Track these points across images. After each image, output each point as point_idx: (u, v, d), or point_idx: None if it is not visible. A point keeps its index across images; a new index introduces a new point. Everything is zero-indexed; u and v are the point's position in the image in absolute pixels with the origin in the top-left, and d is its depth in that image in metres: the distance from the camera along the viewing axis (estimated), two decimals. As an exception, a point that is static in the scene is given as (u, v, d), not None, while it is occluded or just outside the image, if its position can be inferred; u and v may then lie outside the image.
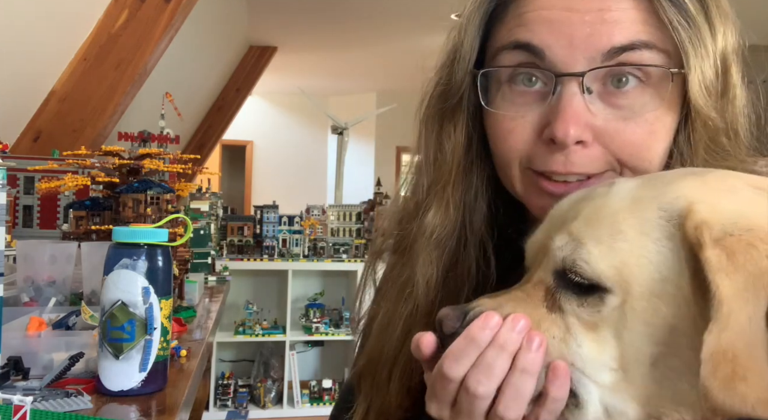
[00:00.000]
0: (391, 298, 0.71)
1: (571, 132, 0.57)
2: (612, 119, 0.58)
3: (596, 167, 0.59)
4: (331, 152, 7.33)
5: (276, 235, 4.11)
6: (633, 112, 0.58)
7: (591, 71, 0.57)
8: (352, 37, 5.52)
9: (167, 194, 1.45)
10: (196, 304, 1.69)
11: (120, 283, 0.80)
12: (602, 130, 0.58)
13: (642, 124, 0.58)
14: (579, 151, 0.58)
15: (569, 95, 0.57)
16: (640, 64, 0.57)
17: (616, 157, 0.59)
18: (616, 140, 0.58)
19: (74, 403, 0.76)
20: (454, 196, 0.67)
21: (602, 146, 0.59)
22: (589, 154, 0.58)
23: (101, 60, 2.42)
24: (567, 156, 0.58)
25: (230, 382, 4.07)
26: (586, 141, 0.58)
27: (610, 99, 0.58)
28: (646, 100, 0.58)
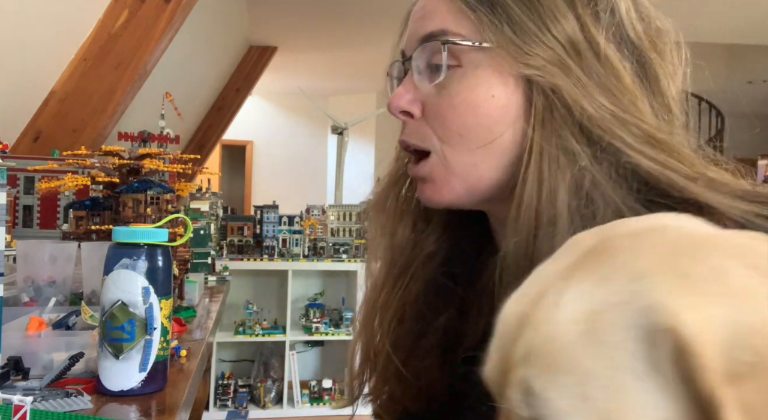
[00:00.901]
0: None
1: (393, 103, 0.68)
2: (431, 95, 0.66)
3: (417, 139, 0.67)
4: (331, 152, 7.33)
5: (276, 235, 4.11)
6: (442, 87, 0.65)
7: (414, 54, 0.67)
8: (352, 37, 5.53)
9: (167, 194, 1.45)
10: (196, 304, 1.69)
11: (120, 283, 0.80)
12: (426, 105, 0.67)
13: (448, 99, 0.65)
14: (410, 123, 0.68)
15: (407, 75, 0.69)
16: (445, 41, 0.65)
17: (436, 134, 0.66)
18: (432, 113, 0.66)
19: (74, 403, 0.76)
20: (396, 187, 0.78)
21: (427, 123, 0.67)
22: (416, 126, 0.67)
23: (101, 60, 2.42)
24: (402, 127, 0.69)
25: (230, 382, 4.07)
26: (413, 114, 0.67)
27: (433, 78, 0.66)
28: (457, 77, 0.65)
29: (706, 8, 4.67)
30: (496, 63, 0.63)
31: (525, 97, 0.63)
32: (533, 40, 0.62)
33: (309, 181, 7.84)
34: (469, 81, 0.64)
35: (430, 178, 0.67)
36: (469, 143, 0.65)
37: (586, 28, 0.63)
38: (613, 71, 0.62)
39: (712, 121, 7.32)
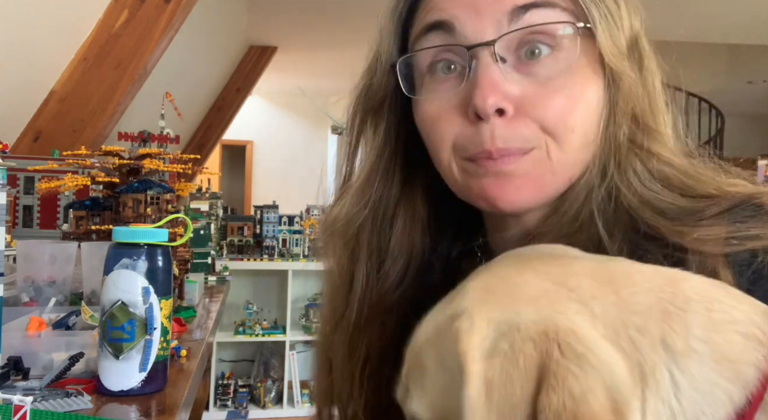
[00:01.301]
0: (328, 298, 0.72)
1: (489, 100, 0.55)
2: (530, 86, 0.57)
3: (522, 141, 0.56)
4: (331, 152, 7.33)
5: (276, 235, 4.11)
6: (549, 78, 0.57)
7: (501, 38, 0.56)
8: (352, 37, 5.52)
9: (167, 194, 1.45)
10: (196, 304, 1.69)
11: (120, 283, 0.80)
12: (521, 99, 0.56)
13: (559, 88, 0.57)
14: (503, 126, 0.56)
15: (484, 66, 0.56)
16: (547, 22, 0.56)
17: (539, 125, 0.57)
18: (537, 107, 0.56)
19: (74, 403, 0.76)
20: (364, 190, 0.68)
21: (524, 116, 0.56)
22: (513, 127, 0.56)
23: (101, 60, 2.42)
24: (492, 131, 0.56)
25: (230, 382, 4.07)
26: (506, 111, 0.56)
27: (525, 69, 0.57)
28: (561, 65, 0.57)
29: (706, 8, 4.67)
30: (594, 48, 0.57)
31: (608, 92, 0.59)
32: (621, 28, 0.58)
33: (309, 181, 7.83)
34: (579, 69, 0.57)
35: (526, 174, 0.57)
36: (578, 140, 0.57)
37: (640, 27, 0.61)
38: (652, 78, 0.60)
39: (712, 121, 7.32)
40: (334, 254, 0.69)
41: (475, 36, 0.57)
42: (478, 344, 0.40)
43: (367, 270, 0.67)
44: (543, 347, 0.39)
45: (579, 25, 0.56)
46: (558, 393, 0.37)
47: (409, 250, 0.68)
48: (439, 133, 0.60)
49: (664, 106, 0.60)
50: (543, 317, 0.40)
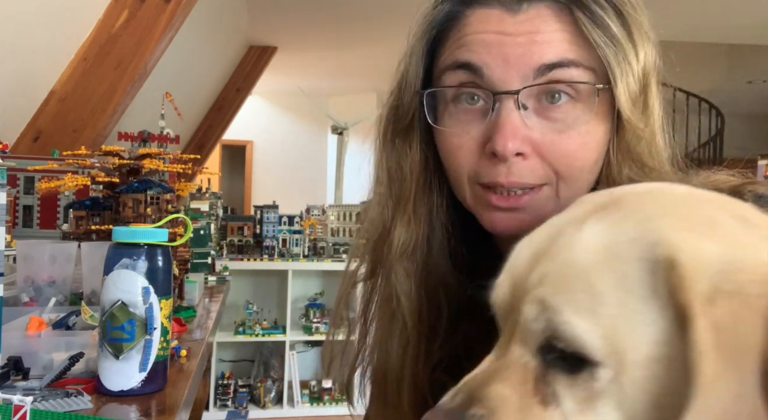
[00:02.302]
0: (382, 317, 0.76)
1: (510, 145, 0.61)
2: (548, 132, 0.62)
3: (535, 178, 0.63)
4: (331, 152, 7.33)
5: (276, 235, 4.11)
6: (566, 125, 0.62)
7: (525, 89, 0.62)
8: (352, 37, 5.53)
9: (167, 194, 1.45)
10: (196, 304, 1.69)
11: (120, 283, 0.80)
12: (539, 143, 0.62)
13: (574, 136, 0.62)
14: (519, 163, 0.63)
15: (507, 111, 0.62)
16: (570, 81, 0.62)
17: (552, 168, 0.63)
18: (552, 151, 0.62)
19: (74, 403, 0.76)
20: (416, 212, 0.72)
21: (540, 158, 0.63)
22: (529, 165, 0.63)
23: (101, 60, 2.42)
24: (509, 168, 0.63)
25: (230, 382, 4.07)
26: (524, 153, 0.62)
27: (544, 113, 0.63)
28: (578, 113, 0.62)
29: (706, 8, 4.67)
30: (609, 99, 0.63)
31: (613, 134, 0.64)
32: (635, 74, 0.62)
33: (309, 181, 7.84)
34: (594, 117, 0.63)
35: (533, 211, 0.64)
36: (585, 179, 0.64)
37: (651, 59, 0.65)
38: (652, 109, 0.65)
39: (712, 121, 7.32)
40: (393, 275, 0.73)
41: (501, 84, 0.63)
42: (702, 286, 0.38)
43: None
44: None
45: (599, 86, 0.62)
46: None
47: None
48: (458, 161, 0.67)
49: (661, 141, 0.66)
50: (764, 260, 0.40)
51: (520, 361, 0.46)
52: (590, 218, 0.46)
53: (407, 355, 0.72)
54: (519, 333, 0.46)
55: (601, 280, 0.42)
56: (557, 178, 0.63)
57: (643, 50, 0.63)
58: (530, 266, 0.47)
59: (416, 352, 0.72)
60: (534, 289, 0.45)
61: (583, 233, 0.45)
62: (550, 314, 0.43)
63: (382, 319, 0.76)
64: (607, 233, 0.44)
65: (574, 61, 0.61)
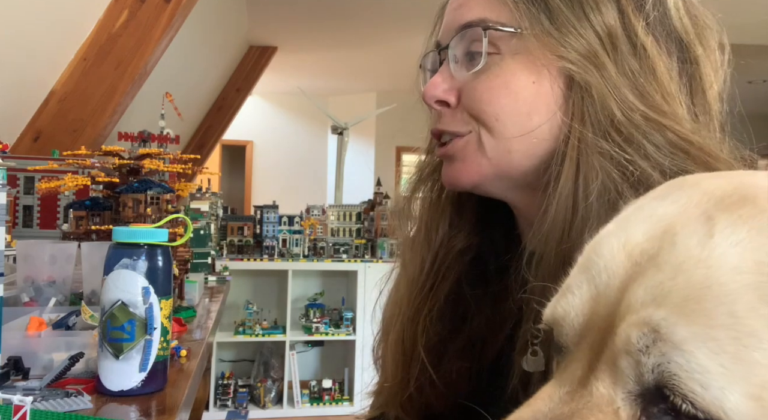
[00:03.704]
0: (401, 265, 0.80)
1: (428, 93, 0.68)
2: (467, 81, 0.66)
3: (457, 127, 0.67)
4: (331, 152, 7.33)
5: (276, 235, 4.11)
6: (481, 72, 0.65)
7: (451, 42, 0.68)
8: (352, 37, 5.52)
9: (167, 194, 1.45)
10: (196, 304, 1.69)
11: (120, 283, 0.80)
12: (461, 91, 0.67)
13: (484, 79, 0.65)
14: (447, 113, 0.68)
15: (442, 66, 0.69)
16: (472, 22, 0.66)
17: (472, 116, 0.66)
18: (467, 96, 0.66)
19: (74, 403, 0.76)
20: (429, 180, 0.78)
21: (464, 108, 0.67)
22: (454, 114, 0.67)
23: (101, 60, 2.42)
24: (438, 117, 0.69)
25: (230, 382, 4.07)
26: (449, 102, 0.68)
27: (470, 66, 0.66)
28: (495, 63, 0.65)
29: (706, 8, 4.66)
30: (535, 51, 0.63)
31: (565, 88, 0.63)
32: (569, 31, 0.62)
33: (309, 181, 7.84)
34: (509, 66, 0.64)
35: (460, 156, 0.67)
36: (506, 129, 0.64)
37: (626, 18, 0.62)
38: (649, 67, 0.61)
39: (712, 121, 7.30)
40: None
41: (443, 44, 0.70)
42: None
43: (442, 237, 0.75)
44: None
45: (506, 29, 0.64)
46: None
47: None
48: None
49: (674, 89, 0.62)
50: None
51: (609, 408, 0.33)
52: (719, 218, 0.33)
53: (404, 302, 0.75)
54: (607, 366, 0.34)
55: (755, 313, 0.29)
56: (478, 126, 0.66)
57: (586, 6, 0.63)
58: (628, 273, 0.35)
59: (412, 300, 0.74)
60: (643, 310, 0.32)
61: (718, 241, 0.32)
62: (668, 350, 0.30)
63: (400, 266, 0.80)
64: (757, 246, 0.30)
65: (484, 20, 0.65)
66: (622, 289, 0.34)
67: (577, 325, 0.37)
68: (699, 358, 0.29)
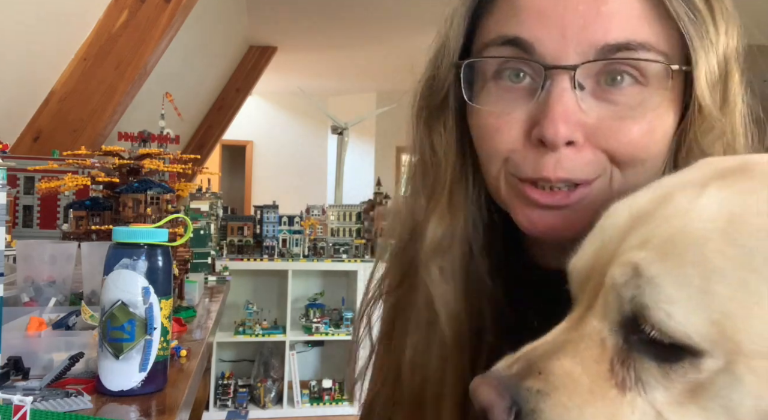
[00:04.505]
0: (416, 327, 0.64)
1: (562, 131, 0.51)
2: (606, 117, 0.53)
3: (588, 173, 0.53)
4: (331, 152, 7.33)
5: (276, 235, 4.11)
6: (630, 109, 0.52)
7: (584, 65, 0.52)
8: (352, 37, 5.52)
9: (167, 194, 1.45)
10: (196, 304, 1.69)
11: (120, 283, 0.80)
12: (595, 129, 0.52)
13: (640, 121, 0.52)
14: (570, 155, 0.53)
15: (559, 91, 0.52)
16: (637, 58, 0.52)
17: (610, 159, 0.53)
18: (611, 140, 0.53)
19: (74, 403, 0.76)
20: (452, 202, 0.62)
21: (595, 147, 0.53)
22: (581, 157, 0.53)
23: (101, 60, 2.42)
24: (558, 160, 0.53)
25: (230, 382, 4.07)
26: (576, 142, 0.52)
27: (604, 96, 0.53)
28: (645, 97, 0.53)
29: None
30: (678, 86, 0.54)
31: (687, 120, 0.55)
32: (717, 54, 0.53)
33: (309, 181, 7.84)
34: (656, 103, 0.53)
35: (581, 208, 0.54)
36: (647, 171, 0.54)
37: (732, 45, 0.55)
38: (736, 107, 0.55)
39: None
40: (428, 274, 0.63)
41: (554, 59, 0.53)
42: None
43: None
44: None
45: (674, 67, 0.52)
46: None
47: None
48: (494, 146, 0.57)
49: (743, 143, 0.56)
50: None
51: (597, 336, 0.39)
52: (713, 183, 0.38)
53: (448, 368, 0.61)
54: (600, 303, 0.39)
55: (721, 253, 0.34)
56: (613, 167, 0.54)
57: (726, 29, 0.54)
58: (627, 228, 0.40)
59: (458, 363, 0.60)
60: (629, 252, 0.38)
61: (703, 199, 0.37)
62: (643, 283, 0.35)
63: (416, 330, 0.64)
64: (733, 202, 0.36)
65: (645, 44, 0.51)
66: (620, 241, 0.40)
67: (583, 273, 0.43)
68: (667, 289, 0.34)
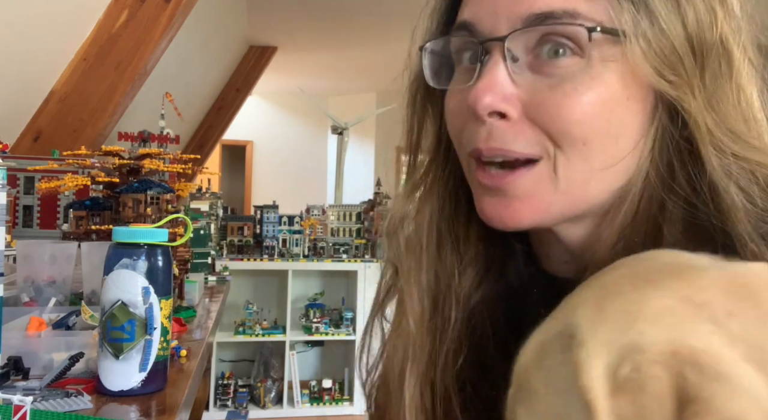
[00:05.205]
0: (393, 322, 0.64)
1: (485, 99, 0.50)
2: (540, 90, 0.50)
3: (522, 145, 0.51)
4: (331, 152, 7.33)
5: (276, 235, 4.11)
6: (561, 79, 0.50)
7: (512, 35, 0.50)
8: (352, 37, 5.53)
9: (167, 194, 1.45)
10: (196, 304, 1.69)
11: (120, 283, 0.80)
12: (528, 102, 0.50)
13: (570, 92, 0.49)
14: (502, 126, 0.51)
15: (492, 63, 0.51)
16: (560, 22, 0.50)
17: (546, 135, 0.51)
18: (543, 114, 0.50)
19: (74, 403, 0.76)
20: (430, 192, 0.61)
21: (531, 123, 0.51)
22: (515, 130, 0.51)
23: (101, 60, 2.42)
24: (489, 130, 0.51)
25: (230, 382, 4.07)
26: (508, 115, 0.50)
27: (539, 68, 0.51)
28: (581, 68, 0.50)
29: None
30: (629, 60, 0.50)
31: (651, 110, 0.52)
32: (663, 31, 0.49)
33: (309, 181, 7.84)
34: (602, 76, 0.50)
35: (525, 194, 0.52)
36: (593, 156, 0.51)
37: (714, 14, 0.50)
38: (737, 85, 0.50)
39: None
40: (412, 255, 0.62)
41: (489, 33, 0.52)
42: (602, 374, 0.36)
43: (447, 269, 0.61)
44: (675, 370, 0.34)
45: (599, 28, 0.49)
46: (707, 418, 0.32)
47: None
48: (453, 127, 0.56)
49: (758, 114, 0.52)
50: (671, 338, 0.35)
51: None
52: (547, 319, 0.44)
53: (407, 367, 0.60)
54: None
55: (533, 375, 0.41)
56: (555, 149, 0.51)
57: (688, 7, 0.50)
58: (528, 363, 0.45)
59: (419, 372, 0.59)
60: None
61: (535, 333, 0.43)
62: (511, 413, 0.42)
63: (392, 324, 0.64)
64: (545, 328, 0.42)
65: (571, 12, 0.49)
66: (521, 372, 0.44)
67: None
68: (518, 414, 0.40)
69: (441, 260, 0.61)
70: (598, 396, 0.36)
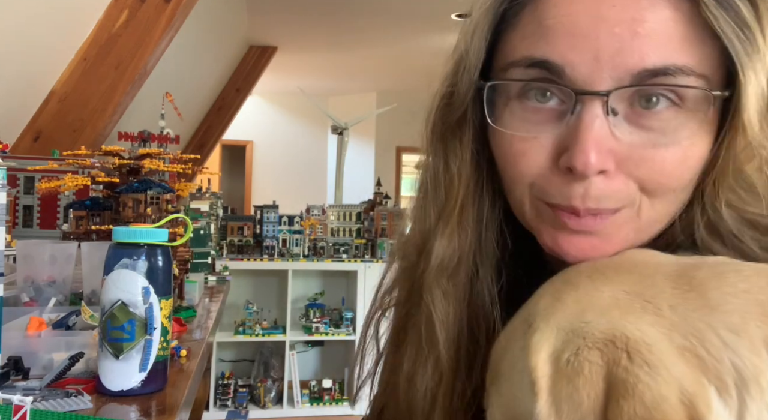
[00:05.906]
0: (410, 344, 0.62)
1: (593, 161, 0.48)
2: (639, 145, 0.49)
3: (615, 202, 0.50)
4: (331, 152, 7.33)
5: (276, 235, 4.11)
6: (664, 136, 0.49)
7: (618, 90, 0.48)
8: (352, 37, 5.52)
9: (167, 194, 1.45)
10: (196, 304, 1.69)
11: (120, 283, 0.80)
12: (627, 157, 0.49)
13: (673, 149, 0.49)
14: (600, 184, 0.49)
15: (591, 117, 0.48)
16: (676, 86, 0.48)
17: (641, 188, 0.50)
18: (643, 169, 0.49)
19: (74, 403, 0.76)
20: (462, 222, 0.59)
21: (626, 175, 0.50)
22: (611, 187, 0.50)
23: (101, 60, 2.42)
24: (587, 189, 0.49)
25: (230, 382, 4.07)
26: (608, 170, 0.49)
27: (637, 120, 0.49)
28: (681, 122, 0.49)
29: None
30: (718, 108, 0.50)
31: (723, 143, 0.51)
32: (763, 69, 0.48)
33: (309, 181, 7.84)
34: (691, 129, 0.49)
35: (608, 235, 0.52)
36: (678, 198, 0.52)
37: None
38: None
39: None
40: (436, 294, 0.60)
41: (586, 84, 0.49)
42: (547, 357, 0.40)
43: None
44: (610, 356, 0.37)
45: (716, 93, 0.48)
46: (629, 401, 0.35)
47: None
48: (519, 170, 0.54)
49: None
50: (611, 326, 0.39)
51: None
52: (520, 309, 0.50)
53: (439, 393, 0.59)
54: None
55: (501, 361, 0.45)
56: (642, 196, 0.51)
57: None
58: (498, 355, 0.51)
59: (450, 389, 0.59)
60: None
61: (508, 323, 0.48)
62: (487, 397, 0.46)
63: (416, 345, 0.62)
64: (515, 317, 0.47)
65: (684, 68, 0.47)
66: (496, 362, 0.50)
67: None
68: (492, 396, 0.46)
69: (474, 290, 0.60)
70: (542, 376, 0.39)
